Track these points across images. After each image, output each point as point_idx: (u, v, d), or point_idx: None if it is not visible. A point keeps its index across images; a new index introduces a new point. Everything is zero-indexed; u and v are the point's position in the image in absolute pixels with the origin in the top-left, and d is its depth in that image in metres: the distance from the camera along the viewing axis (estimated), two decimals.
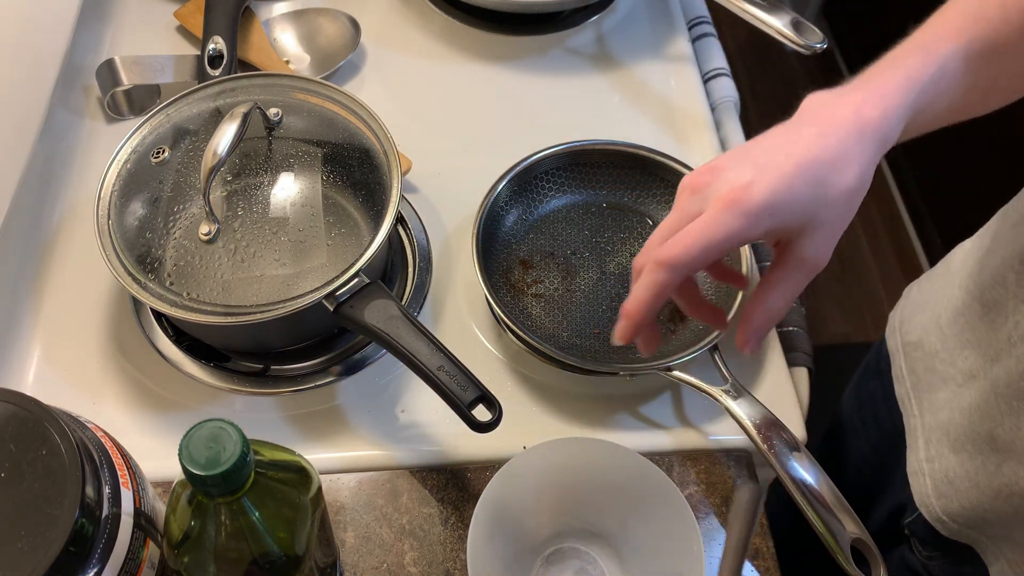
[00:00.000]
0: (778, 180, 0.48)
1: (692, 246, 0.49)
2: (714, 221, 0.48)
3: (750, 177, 0.48)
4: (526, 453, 0.61)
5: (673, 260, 0.49)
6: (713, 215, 0.48)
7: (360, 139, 0.70)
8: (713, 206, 0.48)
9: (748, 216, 0.47)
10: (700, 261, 0.49)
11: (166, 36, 0.92)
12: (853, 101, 0.49)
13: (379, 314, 0.61)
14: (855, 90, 0.50)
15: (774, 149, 0.49)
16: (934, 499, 0.64)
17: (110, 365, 0.70)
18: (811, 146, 0.48)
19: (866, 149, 0.49)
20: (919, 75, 0.50)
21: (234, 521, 0.45)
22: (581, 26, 0.96)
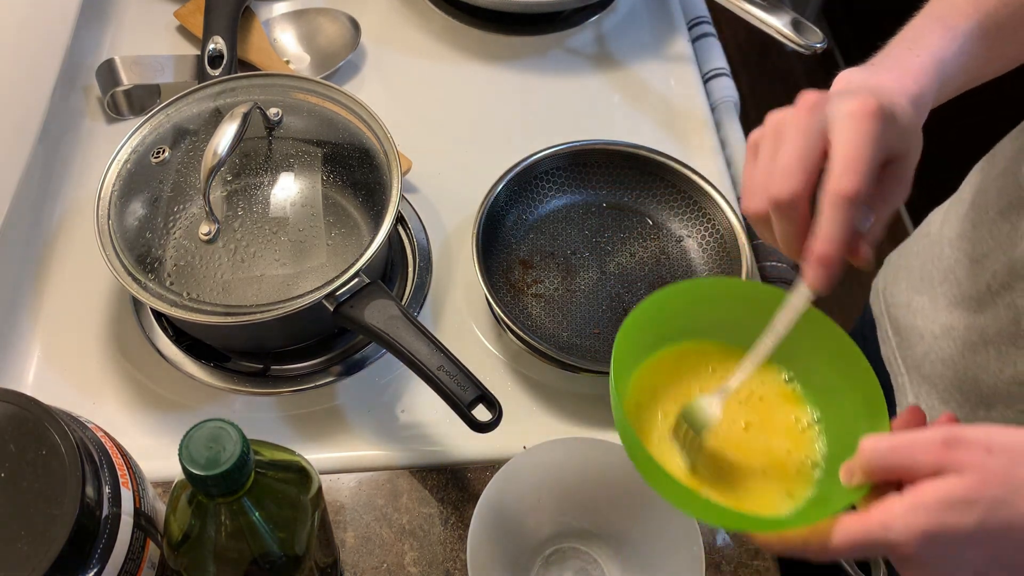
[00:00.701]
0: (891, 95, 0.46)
1: (860, 165, 0.44)
2: (859, 132, 0.44)
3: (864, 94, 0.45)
4: (526, 453, 0.61)
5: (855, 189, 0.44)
6: (854, 126, 0.44)
7: (360, 139, 0.70)
8: (847, 120, 0.44)
9: (883, 118, 0.44)
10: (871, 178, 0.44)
11: (166, 36, 0.92)
12: (893, 79, 0.49)
13: (379, 314, 0.61)
14: (888, 70, 0.49)
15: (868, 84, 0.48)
16: None
17: (110, 365, 0.70)
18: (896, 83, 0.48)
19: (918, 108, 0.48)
20: (943, 54, 0.50)
21: (234, 521, 0.45)
22: (581, 26, 0.96)
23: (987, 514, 0.38)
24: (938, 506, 0.38)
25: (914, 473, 0.40)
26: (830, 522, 0.42)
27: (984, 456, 0.38)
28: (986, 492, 0.38)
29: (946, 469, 0.39)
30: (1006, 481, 0.38)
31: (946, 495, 0.38)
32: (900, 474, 0.41)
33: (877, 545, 0.40)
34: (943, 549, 0.39)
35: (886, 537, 0.39)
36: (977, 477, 0.38)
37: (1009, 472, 0.38)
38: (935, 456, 0.39)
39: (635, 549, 0.62)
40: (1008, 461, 0.38)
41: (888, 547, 0.40)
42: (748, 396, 0.53)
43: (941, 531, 0.38)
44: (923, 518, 0.38)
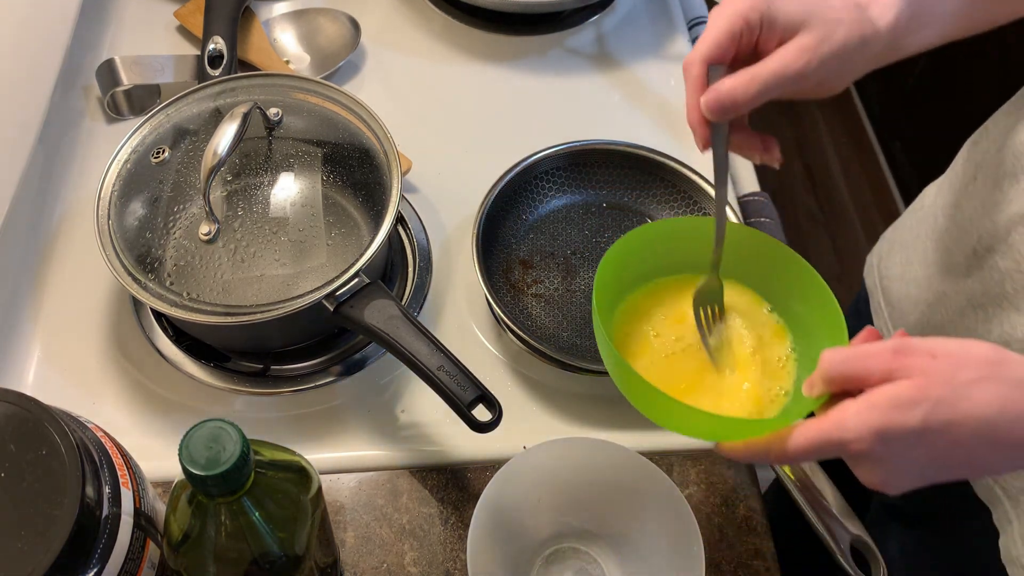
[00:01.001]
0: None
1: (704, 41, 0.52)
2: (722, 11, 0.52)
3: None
4: (526, 453, 0.61)
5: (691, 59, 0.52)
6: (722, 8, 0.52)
7: (360, 139, 0.70)
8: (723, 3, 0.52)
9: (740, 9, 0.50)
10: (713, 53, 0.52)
11: (166, 36, 0.92)
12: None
13: (379, 314, 0.61)
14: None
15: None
16: None
17: (110, 365, 0.70)
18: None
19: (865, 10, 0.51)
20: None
21: (234, 521, 0.45)
22: (581, 26, 0.96)
23: (930, 412, 0.41)
24: (888, 405, 0.42)
25: (867, 380, 0.43)
26: (790, 428, 0.45)
27: (929, 361, 0.42)
28: (930, 392, 0.41)
29: (896, 374, 0.42)
30: (948, 382, 0.42)
31: (895, 395, 0.42)
32: (855, 382, 0.44)
33: (832, 443, 0.43)
34: (893, 446, 0.42)
35: (841, 436, 0.43)
36: (923, 380, 0.42)
37: (951, 375, 0.42)
38: (886, 362, 0.43)
39: (635, 549, 0.62)
40: (951, 365, 0.42)
41: (842, 445, 0.43)
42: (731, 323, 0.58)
43: (890, 427, 0.42)
44: (874, 416, 0.42)
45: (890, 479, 0.44)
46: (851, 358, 0.44)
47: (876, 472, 0.44)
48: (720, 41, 0.51)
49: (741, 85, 0.50)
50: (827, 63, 0.50)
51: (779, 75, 0.50)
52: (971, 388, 0.41)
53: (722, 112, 0.51)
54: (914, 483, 0.44)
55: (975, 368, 0.42)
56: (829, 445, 0.44)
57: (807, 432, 0.45)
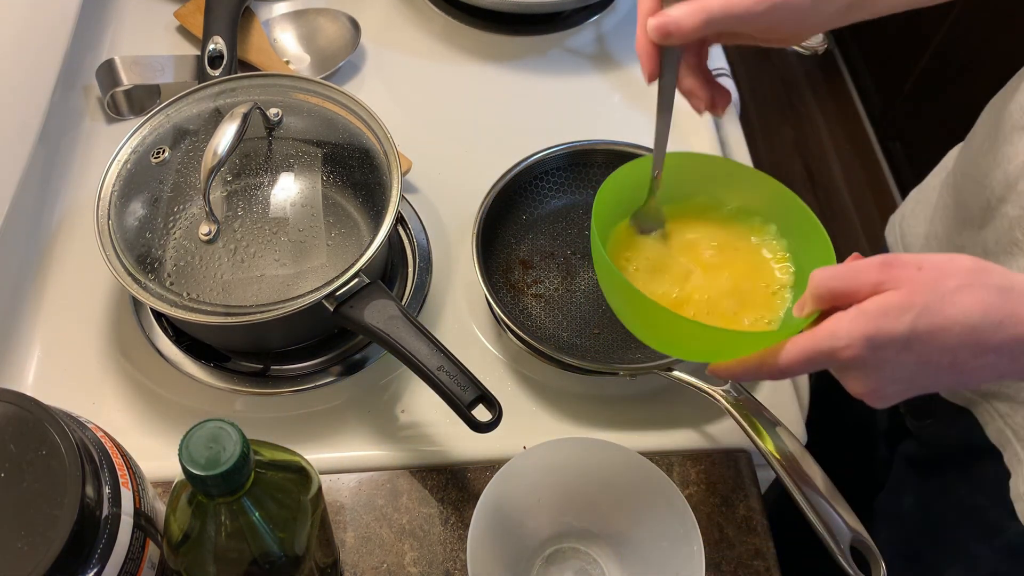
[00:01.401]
0: None
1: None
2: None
3: None
4: (526, 453, 0.61)
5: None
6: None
7: (360, 139, 0.70)
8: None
9: None
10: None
11: (166, 36, 0.92)
12: None
13: (379, 314, 0.61)
14: None
15: None
16: None
17: (110, 365, 0.70)
18: None
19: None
20: None
21: (234, 521, 0.45)
22: (581, 26, 0.96)
23: (917, 318, 0.43)
24: (877, 312, 0.44)
25: (857, 294, 0.45)
26: (783, 342, 0.47)
27: (916, 272, 0.44)
28: (917, 299, 0.43)
29: (884, 285, 0.44)
30: (934, 289, 0.43)
31: (884, 303, 0.44)
32: (845, 297, 0.46)
33: (824, 352, 0.45)
34: (882, 352, 0.44)
35: (832, 344, 0.45)
36: (909, 288, 0.44)
37: (937, 283, 0.44)
38: (874, 275, 0.45)
39: (635, 549, 0.61)
40: (937, 274, 0.44)
41: (834, 352, 0.45)
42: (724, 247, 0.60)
43: (879, 333, 0.43)
44: (864, 323, 0.44)
45: (879, 387, 0.46)
46: (840, 274, 0.46)
47: (866, 380, 0.45)
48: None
49: (688, 13, 0.51)
50: (777, 8, 0.51)
51: (726, 10, 0.51)
52: (956, 295, 0.43)
53: (665, 36, 0.53)
54: (901, 392, 0.46)
55: (959, 276, 0.44)
56: (821, 354, 0.45)
57: (799, 342, 0.46)
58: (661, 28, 0.52)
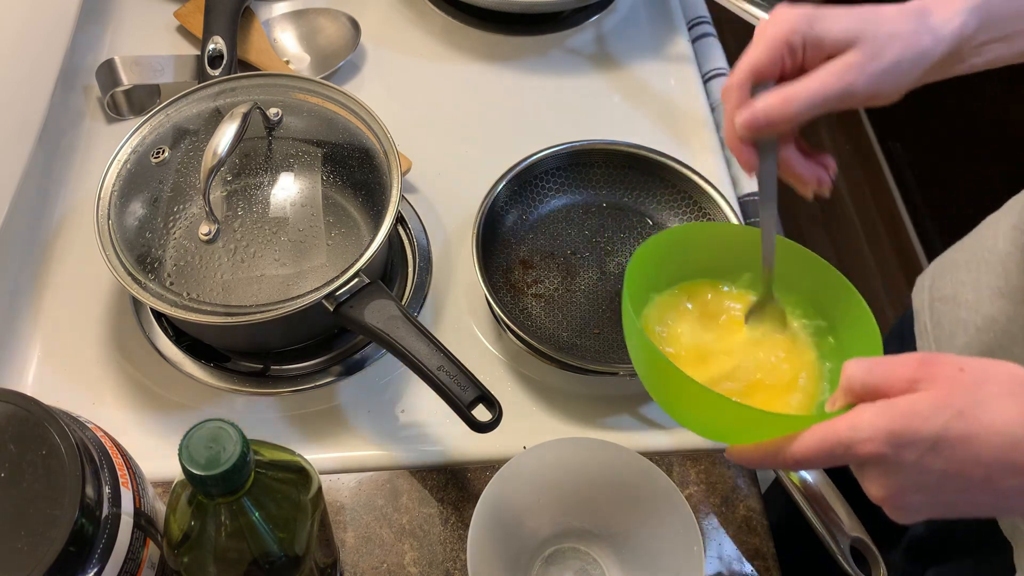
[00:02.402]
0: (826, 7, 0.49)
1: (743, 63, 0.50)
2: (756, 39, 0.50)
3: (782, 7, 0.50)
4: (526, 453, 0.61)
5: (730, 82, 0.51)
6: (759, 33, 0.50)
7: (360, 139, 0.70)
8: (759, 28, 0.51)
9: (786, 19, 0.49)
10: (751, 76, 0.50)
11: (166, 36, 0.92)
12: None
13: (379, 314, 0.61)
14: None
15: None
16: None
17: (110, 365, 0.70)
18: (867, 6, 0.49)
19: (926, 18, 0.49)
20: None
21: (234, 521, 0.45)
22: (581, 26, 0.96)
23: (950, 421, 0.39)
24: (906, 408, 0.40)
25: (890, 389, 0.42)
26: (802, 431, 0.44)
27: (956, 372, 0.41)
28: (953, 401, 0.40)
29: (919, 384, 0.41)
30: (973, 393, 0.40)
31: (915, 401, 0.40)
32: (877, 392, 0.42)
33: (843, 444, 0.42)
34: (905, 452, 0.40)
35: (851, 435, 0.41)
36: (947, 389, 0.40)
37: (978, 387, 0.40)
38: (910, 372, 0.41)
39: (635, 549, 0.62)
40: (979, 377, 0.40)
41: (852, 446, 0.41)
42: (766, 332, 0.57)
43: (905, 432, 0.40)
44: (889, 418, 0.40)
45: (899, 494, 0.41)
46: (874, 367, 0.42)
47: (885, 482, 0.41)
48: (758, 67, 0.50)
49: (777, 104, 0.49)
50: (877, 80, 0.48)
51: (818, 95, 0.48)
52: (997, 402, 0.39)
53: (755, 131, 0.50)
54: (925, 505, 0.42)
55: (1003, 384, 0.40)
56: (838, 446, 0.42)
57: (818, 431, 0.43)
58: (750, 123, 0.50)
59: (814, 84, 0.48)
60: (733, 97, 0.51)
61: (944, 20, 0.49)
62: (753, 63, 0.50)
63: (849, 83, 0.48)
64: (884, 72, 0.48)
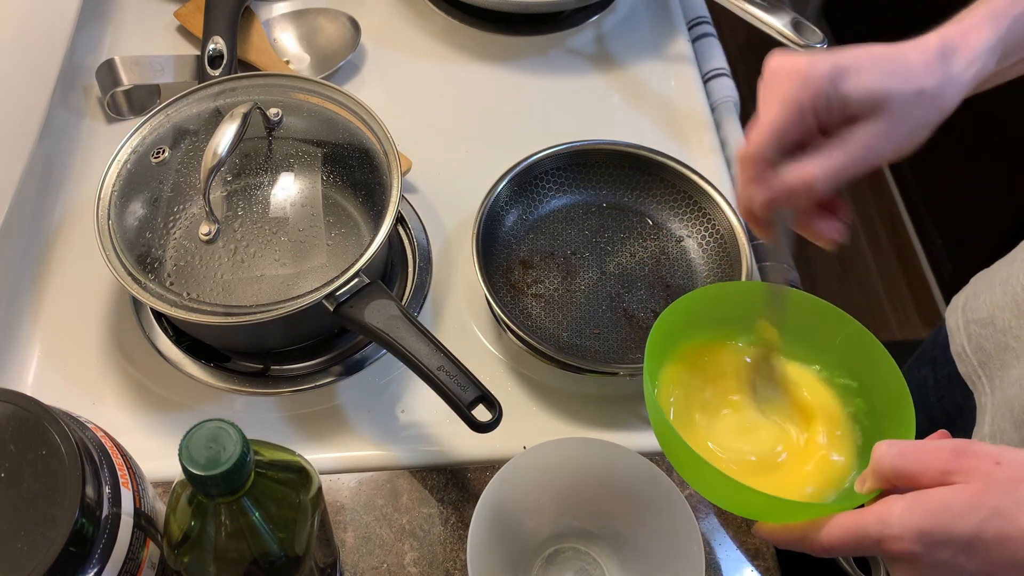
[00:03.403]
0: (845, 57, 0.47)
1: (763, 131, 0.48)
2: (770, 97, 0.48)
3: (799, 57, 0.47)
4: (526, 453, 0.61)
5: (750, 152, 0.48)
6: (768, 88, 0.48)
7: (360, 139, 0.70)
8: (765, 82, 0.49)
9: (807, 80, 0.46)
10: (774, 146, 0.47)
11: (166, 36, 0.92)
12: (938, 33, 0.49)
13: (379, 314, 0.61)
14: (941, 27, 0.49)
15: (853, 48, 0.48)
16: None
17: (110, 365, 0.70)
18: (888, 48, 0.47)
19: (949, 64, 0.47)
20: (1006, 10, 0.48)
21: (234, 521, 0.45)
22: (581, 26, 0.96)
23: (986, 521, 0.37)
24: (939, 506, 0.38)
25: (922, 478, 0.40)
26: (830, 516, 0.42)
27: (992, 467, 0.38)
28: (989, 500, 0.38)
29: (953, 476, 0.39)
30: (1011, 492, 0.38)
31: (948, 497, 0.38)
32: (908, 479, 0.41)
33: (871, 538, 0.40)
34: (937, 552, 0.38)
35: (881, 531, 0.39)
36: (982, 485, 0.38)
37: (1013, 484, 0.38)
38: (944, 462, 0.39)
39: (635, 549, 0.61)
40: (1016, 474, 0.38)
41: (882, 541, 0.40)
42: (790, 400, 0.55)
43: (937, 530, 0.38)
44: (921, 515, 0.38)
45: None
46: (906, 452, 0.41)
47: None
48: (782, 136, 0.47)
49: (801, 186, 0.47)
50: (903, 143, 0.47)
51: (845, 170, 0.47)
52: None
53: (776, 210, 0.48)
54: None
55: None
56: (867, 539, 0.40)
57: (845, 522, 0.41)
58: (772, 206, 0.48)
59: (841, 159, 0.47)
60: (752, 169, 0.48)
61: (965, 65, 0.47)
62: (777, 131, 0.47)
63: (878, 153, 0.46)
64: (911, 134, 0.47)
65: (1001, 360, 0.66)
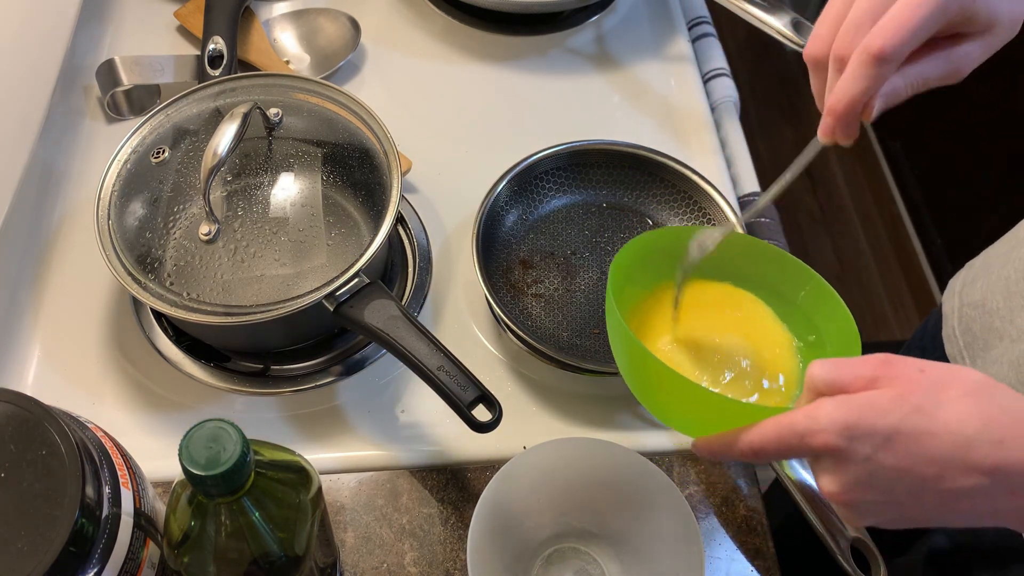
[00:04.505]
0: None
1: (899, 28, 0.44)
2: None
3: None
4: (526, 453, 0.61)
5: (888, 50, 0.45)
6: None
7: (360, 139, 0.70)
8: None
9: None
10: (913, 44, 0.45)
11: (166, 36, 0.92)
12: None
13: (379, 314, 0.61)
14: None
15: None
16: None
17: (110, 365, 0.70)
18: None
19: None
20: None
21: (234, 521, 0.45)
22: (581, 26, 0.96)
23: (907, 417, 0.40)
24: (863, 403, 0.41)
25: (850, 386, 0.42)
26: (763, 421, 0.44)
27: (916, 373, 0.41)
28: (911, 399, 0.40)
29: (879, 382, 0.41)
30: (930, 394, 0.40)
31: (872, 396, 0.41)
32: (840, 388, 0.42)
33: (798, 434, 0.42)
34: (859, 444, 0.40)
35: (808, 426, 0.41)
36: (905, 387, 0.41)
37: (937, 387, 0.40)
38: (872, 369, 0.42)
39: (635, 549, 0.62)
40: (936, 380, 0.41)
41: (808, 435, 0.41)
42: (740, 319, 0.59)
43: (861, 424, 0.40)
44: (846, 411, 0.41)
45: (851, 490, 0.41)
46: (837, 366, 0.43)
47: (837, 477, 0.41)
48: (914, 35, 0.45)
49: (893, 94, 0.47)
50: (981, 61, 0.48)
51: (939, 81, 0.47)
52: (955, 402, 0.40)
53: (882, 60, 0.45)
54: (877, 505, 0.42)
55: (964, 386, 0.40)
56: (794, 435, 0.42)
57: (776, 420, 0.43)
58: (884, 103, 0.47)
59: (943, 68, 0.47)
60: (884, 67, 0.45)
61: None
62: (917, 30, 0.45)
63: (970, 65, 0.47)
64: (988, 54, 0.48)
65: (985, 341, 0.67)
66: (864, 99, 0.47)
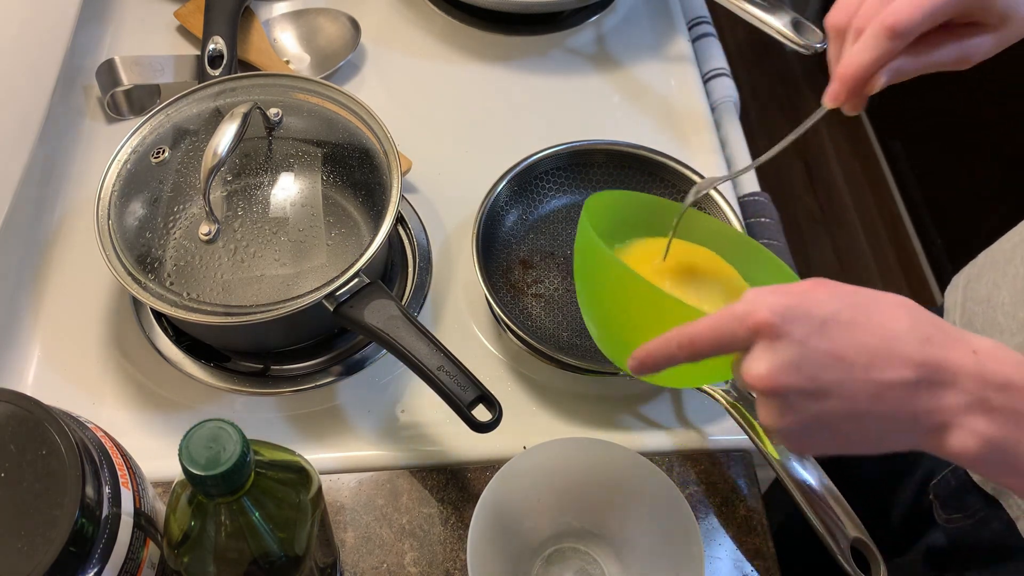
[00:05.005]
0: None
1: (920, 9, 0.47)
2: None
3: None
4: (526, 453, 0.61)
5: (901, 25, 0.47)
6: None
7: (360, 139, 0.70)
8: None
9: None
10: (927, 24, 0.47)
11: (166, 36, 0.92)
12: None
13: (379, 314, 0.61)
14: None
15: None
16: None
17: (110, 365, 0.70)
18: None
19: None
20: None
21: (234, 521, 0.45)
22: (581, 26, 0.96)
23: (845, 309, 0.41)
24: (802, 291, 0.42)
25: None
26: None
27: (851, 288, 0.43)
28: (846, 298, 0.42)
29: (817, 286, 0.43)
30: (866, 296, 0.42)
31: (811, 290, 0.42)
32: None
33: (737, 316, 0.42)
34: (793, 325, 0.41)
35: (746, 309, 0.42)
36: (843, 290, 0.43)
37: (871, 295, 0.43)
38: (807, 285, 0.43)
39: (635, 549, 0.62)
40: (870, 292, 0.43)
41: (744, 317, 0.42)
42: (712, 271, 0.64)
43: (798, 307, 0.41)
44: (785, 297, 0.42)
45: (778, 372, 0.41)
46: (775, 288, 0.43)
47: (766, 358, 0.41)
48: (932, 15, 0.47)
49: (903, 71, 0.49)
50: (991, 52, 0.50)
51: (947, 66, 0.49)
52: (887, 307, 0.42)
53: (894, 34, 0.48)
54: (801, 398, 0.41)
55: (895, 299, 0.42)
56: (733, 319, 0.42)
57: (717, 314, 0.43)
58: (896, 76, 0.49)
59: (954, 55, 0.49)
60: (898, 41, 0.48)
61: None
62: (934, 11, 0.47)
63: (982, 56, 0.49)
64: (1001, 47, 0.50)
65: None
66: (873, 69, 0.49)
